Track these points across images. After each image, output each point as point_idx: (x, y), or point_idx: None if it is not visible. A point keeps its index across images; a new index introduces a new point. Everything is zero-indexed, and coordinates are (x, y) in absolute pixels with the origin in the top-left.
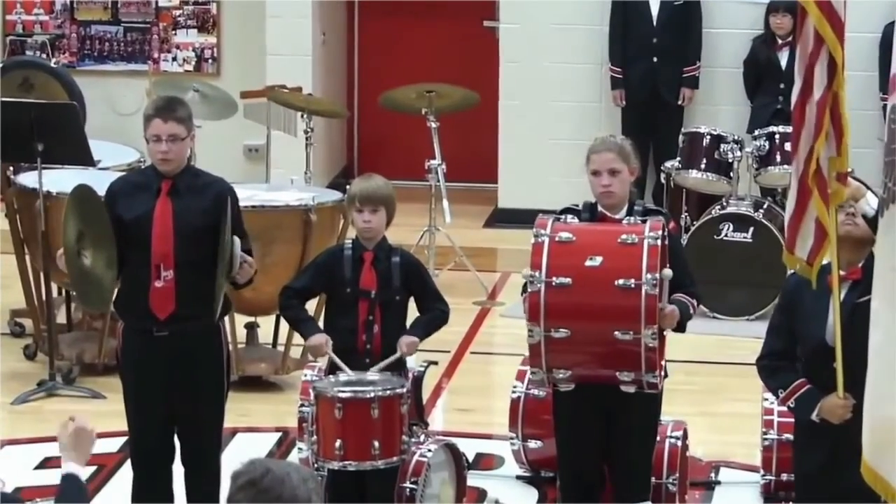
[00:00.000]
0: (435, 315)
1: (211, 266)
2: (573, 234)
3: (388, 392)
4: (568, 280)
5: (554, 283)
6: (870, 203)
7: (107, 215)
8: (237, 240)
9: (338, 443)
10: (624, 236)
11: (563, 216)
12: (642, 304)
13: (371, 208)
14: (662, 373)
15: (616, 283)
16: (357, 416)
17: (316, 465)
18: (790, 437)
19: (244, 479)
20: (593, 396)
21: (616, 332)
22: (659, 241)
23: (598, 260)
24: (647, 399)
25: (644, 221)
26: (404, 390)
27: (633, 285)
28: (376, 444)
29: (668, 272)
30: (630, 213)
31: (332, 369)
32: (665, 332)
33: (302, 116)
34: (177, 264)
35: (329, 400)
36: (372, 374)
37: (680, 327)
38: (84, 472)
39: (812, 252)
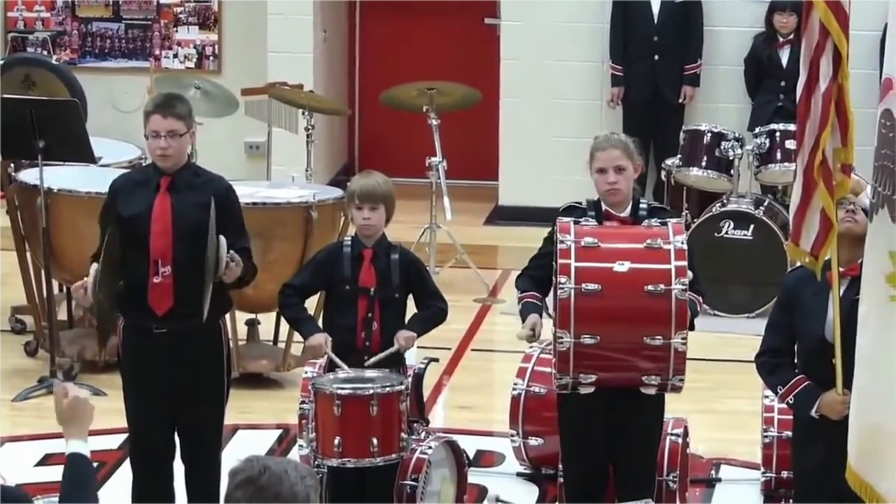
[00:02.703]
0: (433, 312)
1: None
2: (597, 239)
3: (387, 389)
4: (597, 286)
5: (583, 290)
6: (870, 196)
7: (118, 250)
8: (223, 239)
9: (337, 440)
10: (650, 241)
11: (581, 219)
12: (673, 308)
13: (370, 206)
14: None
15: (646, 288)
16: (356, 413)
17: (316, 463)
18: (790, 434)
19: (242, 477)
20: (599, 396)
21: (645, 338)
22: (685, 245)
23: (626, 265)
24: (652, 399)
25: (664, 223)
26: (403, 387)
27: (662, 290)
28: (375, 441)
29: (689, 273)
30: (634, 210)
31: (332, 367)
32: None
33: (303, 114)
34: (175, 260)
35: (328, 397)
36: (371, 372)
37: (690, 325)
38: (87, 448)
39: (816, 244)
